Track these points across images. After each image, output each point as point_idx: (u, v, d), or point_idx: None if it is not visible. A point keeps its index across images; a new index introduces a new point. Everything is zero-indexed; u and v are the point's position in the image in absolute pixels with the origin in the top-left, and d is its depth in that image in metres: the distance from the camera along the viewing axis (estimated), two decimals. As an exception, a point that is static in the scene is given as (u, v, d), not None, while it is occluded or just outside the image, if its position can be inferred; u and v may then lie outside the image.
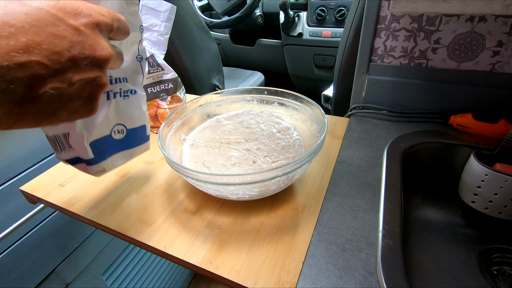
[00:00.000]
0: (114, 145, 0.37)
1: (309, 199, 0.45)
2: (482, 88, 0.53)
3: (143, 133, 0.40)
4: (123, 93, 0.35)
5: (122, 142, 0.38)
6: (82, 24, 0.21)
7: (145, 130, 0.40)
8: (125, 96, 0.36)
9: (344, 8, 1.34)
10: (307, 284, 0.33)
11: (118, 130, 0.37)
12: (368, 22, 0.56)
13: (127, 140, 0.38)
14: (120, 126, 0.37)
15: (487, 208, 0.45)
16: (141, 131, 0.40)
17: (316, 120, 0.48)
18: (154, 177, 0.52)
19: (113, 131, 0.36)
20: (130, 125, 0.38)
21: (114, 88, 0.34)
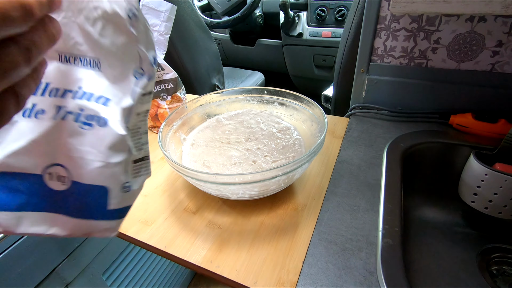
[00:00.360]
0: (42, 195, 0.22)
1: (309, 199, 0.45)
2: (482, 88, 0.53)
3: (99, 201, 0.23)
4: (83, 118, 0.21)
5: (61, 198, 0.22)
6: None
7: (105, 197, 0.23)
8: (85, 123, 0.21)
9: (344, 8, 1.34)
10: (307, 284, 0.33)
11: (58, 175, 0.22)
12: (368, 22, 0.56)
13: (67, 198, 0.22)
14: (62, 169, 0.22)
15: (487, 208, 0.45)
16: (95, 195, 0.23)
17: (316, 120, 0.48)
18: (154, 177, 0.52)
19: (47, 172, 0.22)
20: (77, 176, 0.22)
21: (72, 105, 0.21)
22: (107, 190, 0.23)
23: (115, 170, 0.23)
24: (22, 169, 0.21)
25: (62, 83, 0.22)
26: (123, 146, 0.23)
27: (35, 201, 0.22)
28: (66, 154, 0.22)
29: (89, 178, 0.22)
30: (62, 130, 0.21)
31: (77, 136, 0.21)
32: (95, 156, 0.22)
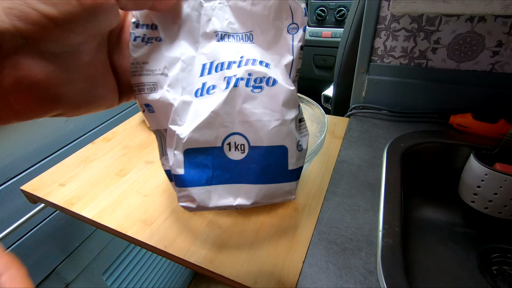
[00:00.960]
0: (224, 167, 0.23)
1: (309, 199, 0.45)
2: (482, 88, 0.53)
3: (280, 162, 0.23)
4: (252, 82, 0.22)
5: (240, 167, 0.23)
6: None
7: (285, 157, 0.23)
8: (255, 86, 0.22)
9: (344, 8, 1.34)
10: (307, 283, 0.33)
11: (236, 144, 0.22)
12: (368, 22, 0.56)
13: (249, 166, 0.23)
14: (239, 137, 0.22)
15: (487, 208, 0.45)
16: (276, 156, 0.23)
17: (316, 120, 0.48)
18: (155, 177, 0.53)
19: (226, 143, 0.22)
20: (255, 140, 0.22)
21: (240, 72, 0.22)
22: (286, 149, 0.23)
23: (291, 127, 0.23)
24: (205, 143, 0.22)
25: (224, 57, 0.22)
26: (294, 101, 0.23)
27: (219, 174, 0.23)
28: (243, 120, 0.22)
29: (268, 140, 0.22)
30: (236, 98, 0.22)
31: (251, 100, 0.22)
32: (271, 115, 0.22)
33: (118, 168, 0.55)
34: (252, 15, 0.22)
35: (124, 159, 0.58)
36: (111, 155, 0.59)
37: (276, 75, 0.22)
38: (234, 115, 0.22)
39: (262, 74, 0.22)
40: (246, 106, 0.22)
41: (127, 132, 0.67)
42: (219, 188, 0.23)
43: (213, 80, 0.22)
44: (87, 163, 0.58)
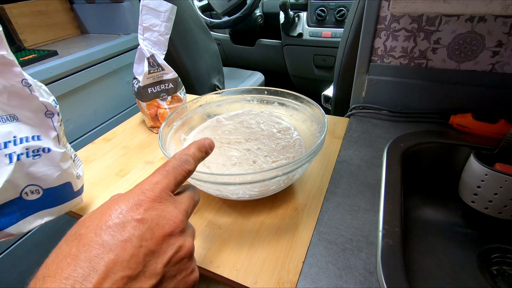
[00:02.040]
0: (27, 206, 0.36)
1: (309, 199, 0.45)
2: (482, 88, 0.53)
3: (69, 190, 0.39)
4: (31, 153, 0.33)
5: (40, 201, 0.36)
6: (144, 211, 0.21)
7: (71, 187, 0.39)
8: (34, 155, 0.33)
9: (344, 8, 1.34)
10: (307, 284, 0.33)
11: (32, 190, 0.35)
12: (368, 22, 0.56)
13: (46, 199, 0.37)
14: (33, 187, 0.35)
15: (487, 208, 0.45)
16: (65, 189, 0.38)
17: (316, 120, 0.48)
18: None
19: (24, 192, 0.34)
20: (47, 185, 0.36)
21: (18, 149, 0.32)
22: (70, 183, 0.39)
23: (69, 171, 0.38)
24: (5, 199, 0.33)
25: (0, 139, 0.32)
26: (66, 156, 0.37)
27: (25, 211, 0.35)
28: (33, 177, 0.34)
29: (56, 182, 0.37)
30: (22, 166, 0.33)
31: (35, 164, 0.34)
32: (54, 170, 0.35)
33: (118, 168, 0.55)
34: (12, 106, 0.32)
35: (124, 159, 0.58)
36: (111, 155, 0.59)
37: (48, 144, 0.35)
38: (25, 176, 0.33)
39: (37, 146, 0.33)
40: (32, 169, 0.34)
41: (127, 132, 0.67)
42: (29, 218, 0.36)
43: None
44: (87, 163, 0.58)
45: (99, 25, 1.05)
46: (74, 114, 0.83)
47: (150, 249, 0.20)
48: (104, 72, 0.88)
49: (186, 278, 0.22)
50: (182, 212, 0.23)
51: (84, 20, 1.07)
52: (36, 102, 0.33)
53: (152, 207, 0.21)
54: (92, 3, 1.01)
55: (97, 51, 0.85)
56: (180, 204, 0.23)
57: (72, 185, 0.39)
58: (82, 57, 0.80)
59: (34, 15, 0.92)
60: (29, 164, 0.33)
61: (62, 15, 1.01)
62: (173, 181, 0.24)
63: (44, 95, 0.34)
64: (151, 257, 0.19)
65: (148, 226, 0.20)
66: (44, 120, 0.34)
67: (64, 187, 0.38)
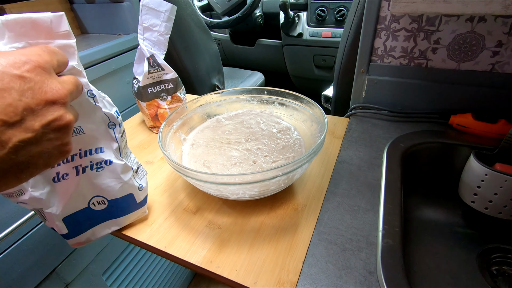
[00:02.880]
0: (95, 216, 0.38)
1: (309, 199, 0.45)
2: (482, 88, 0.53)
3: (131, 201, 0.39)
4: (95, 166, 0.34)
5: (106, 212, 0.38)
6: (26, 71, 0.21)
7: (133, 198, 0.39)
8: (98, 168, 0.34)
9: (344, 8, 1.34)
10: (307, 284, 0.33)
11: (98, 201, 0.37)
12: (368, 22, 0.56)
13: (111, 210, 0.38)
14: (99, 198, 0.37)
15: (487, 208, 0.45)
16: (127, 200, 0.39)
17: (316, 120, 0.48)
18: (155, 177, 0.52)
19: (91, 203, 0.36)
20: (111, 196, 0.37)
21: (83, 162, 0.33)
22: (132, 194, 0.39)
23: (130, 183, 0.38)
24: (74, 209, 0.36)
25: None
26: (127, 168, 0.37)
27: (93, 221, 0.38)
28: (98, 188, 0.36)
29: (119, 194, 0.38)
30: (88, 178, 0.34)
31: (98, 177, 0.35)
32: (115, 182, 0.36)
33: (118, 168, 0.55)
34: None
35: (124, 159, 0.58)
36: (111, 155, 0.59)
37: (110, 156, 0.35)
38: (90, 187, 0.35)
39: (100, 159, 0.34)
40: (96, 181, 0.35)
41: (127, 132, 0.67)
42: (97, 227, 0.39)
43: (64, 169, 0.33)
44: (87, 163, 0.57)
45: (99, 25, 1.05)
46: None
47: (30, 106, 0.20)
48: (104, 72, 0.88)
49: (62, 147, 0.23)
50: (66, 88, 0.23)
51: (84, 20, 1.06)
52: (100, 114, 0.32)
53: (36, 71, 0.21)
54: (92, 3, 1.01)
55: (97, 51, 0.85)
56: (64, 83, 0.24)
57: (134, 196, 0.39)
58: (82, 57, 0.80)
59: (34, 15, 0.92)
60: (94, 176, 0.35)
61: (62, 15, 1.01)
62: (56, 62, 0.24)
63: (107, 106, 0.33)
64: (30, 114, 0.20)
65: (29, 86, 0.20)
66: (107, 132, 0.34)
67: (126, 198, 0.38)
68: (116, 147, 0.35)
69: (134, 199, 0.39)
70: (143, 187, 0.40)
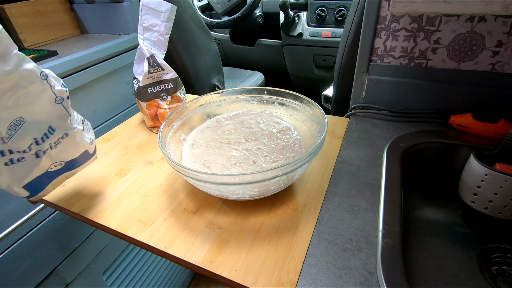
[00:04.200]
0: (53, 175, 0.40)
1: (309, 199, 0.45)
2: (482, 88, 0.53)
3: (86, 155, 0.43)
4: (53, 144, 0.36)
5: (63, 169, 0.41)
6: None
7: (87, 153, 0.43)
8: (56, 145, 0.37)
9: (344, 8, 1.34)
10: (307, 284, 0.33)
11: (55, 164, 0.39)
12: (368, 22, 0.56)
13: (68, 166, 0.41)
14: (57, 162, 0.39)
15: (487, 208, 0.45)
16: (83, 156, 0.42)
17: (316, 120, 0.48)
18: (154, 177, 0.52)
19: (49, 168, 0.39)
20: (69, 158, 0.40)
21: (43, 147, 0.35)
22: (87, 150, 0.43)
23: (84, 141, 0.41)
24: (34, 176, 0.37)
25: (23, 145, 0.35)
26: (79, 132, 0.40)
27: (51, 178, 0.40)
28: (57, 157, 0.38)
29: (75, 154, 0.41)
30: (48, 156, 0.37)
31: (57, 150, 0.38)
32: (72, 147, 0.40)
33: (117, 168, 0.55)
34: None
35: (123, 159, 0.58)
36: (111, 155, 0.59)
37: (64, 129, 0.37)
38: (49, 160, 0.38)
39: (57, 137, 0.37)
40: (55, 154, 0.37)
41: (127, 132, 0.67)
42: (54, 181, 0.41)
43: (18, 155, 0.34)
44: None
45: (99, 25, 1.05)
46: (74, 114, 0.83)
47: None
48: (104, 72, 0.88)
49: None
50: None
51: (84, 20, 1.06)
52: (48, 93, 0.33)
53: None
54: (92, 3, 1.01)
55: (97, 51, 0.85)
56: None
57: (88, 151, 0.43)
58: (82, 57, 0.80)
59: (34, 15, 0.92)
60: (54, 152, 0.37)
61: (62, 15, 1.01)
62: None
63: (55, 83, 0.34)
64: None
65: None
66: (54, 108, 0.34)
67: (82, 155, 0.42)
68: (68, 118, 0.37)
69: (88, 152, 0.43)
70: (93, 139, 0.44)
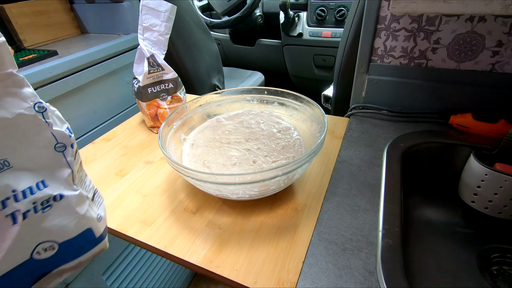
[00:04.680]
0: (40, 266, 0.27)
1: (309, 199, 0.45)
2: (482, 88, 0.53)
3: (89, 237, 0.30)
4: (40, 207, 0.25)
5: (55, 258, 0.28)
6: None
7: (91, 233, 0.30)
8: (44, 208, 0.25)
9: (344, 8, 1.34)
10: (307, 284, 0.33)
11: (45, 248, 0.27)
12: (368, 22, 0.56)
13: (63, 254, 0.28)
14: (46, 244, 0.27)
15: (487, 208, 0.45)
16: (84, 237, 0.29)
17: (316, 120, 0.48)
18: (154, 177, 0.52)
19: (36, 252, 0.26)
20: (62, 238, 0.27)
21: (22, 206, 0.24)
22: (90, 229, 0.29)
23: (87, 215, 0.29)
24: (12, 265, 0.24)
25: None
26: (82, 198, 0.28)
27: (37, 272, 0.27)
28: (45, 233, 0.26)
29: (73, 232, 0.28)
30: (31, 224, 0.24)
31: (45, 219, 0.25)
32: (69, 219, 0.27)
33: (117, 168, 0.55)
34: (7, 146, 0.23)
35: (123, 159, 0.58)
36: (111, 155, 0.59)
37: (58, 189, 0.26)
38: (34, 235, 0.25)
39: (46, 196, 0.25)
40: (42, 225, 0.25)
41: (127, 132, 0.67)
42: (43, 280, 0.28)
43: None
44: (87, 163, 0.58)
45: (99, 25, 1.05)
46: (74, 114, 0.83)
47: None
48: (104, 72, 0.88)
49: None
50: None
51: (84, 20, 1.06)
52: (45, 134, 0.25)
53: None
54: (92, 3, 1.01)
55: (97, 51, 0.85)
56: None
57: (93, 230, 0.30)
58: (82, 57, 0.80)
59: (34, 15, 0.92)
60: (39, 219, 0.25)
61: (62, 15, 1.01)
62: None
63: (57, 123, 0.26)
64: None
65: None
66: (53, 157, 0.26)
67: (83, 236, 0.29)
68: (68, 174, 0.27)
69: (93, 233, 0.30)
70: (102, 217, 0.32)
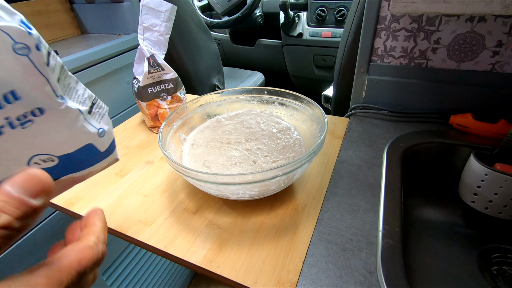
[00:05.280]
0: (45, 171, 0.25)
1: (309, 199, 0.45)
2: (482, 88, 0.53)
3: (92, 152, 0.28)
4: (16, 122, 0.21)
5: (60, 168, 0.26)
6: None
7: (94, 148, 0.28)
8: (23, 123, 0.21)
9: (344, 8, 1.34)
10: (307, 284, 0.33)
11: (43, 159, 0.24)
12: (368, 22, 0.56)
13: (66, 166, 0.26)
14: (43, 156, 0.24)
15: (487, 208, 0.45)
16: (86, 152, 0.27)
17: (316, 120, 0.48)
18: (155, 177, 0.52)
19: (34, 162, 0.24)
20: (60, 152, 0.25)
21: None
22: (91, 144, 0.27)
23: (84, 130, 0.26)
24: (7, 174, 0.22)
25: None
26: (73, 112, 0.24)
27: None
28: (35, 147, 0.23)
29: (71, 147, 0.25)
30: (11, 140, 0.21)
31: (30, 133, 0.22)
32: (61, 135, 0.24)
33: (118, 168, 0.55)
34: None
35: (124, 159, 0.58)
36: (111, 155, 0.59)
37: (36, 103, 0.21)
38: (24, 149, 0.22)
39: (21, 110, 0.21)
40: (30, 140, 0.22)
41: (127, 132, 0.67)
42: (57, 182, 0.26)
43: None
44: (87, 163, 0.58)
45: (99, 25, 1.05)
46: (74, 114, 0.83)
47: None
48: (104, 72, 0.88)
49: None
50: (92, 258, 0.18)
51: (84, 20, 1.06)
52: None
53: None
54: (92, 3, 1.01)
55: (97, 51, 0.85)
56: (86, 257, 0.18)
57: (95, 145, 0.28)
58: (82, 57, 0.80)
59: (34, 15, 0.92)
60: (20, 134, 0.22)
61: (62, 15, 1.01)
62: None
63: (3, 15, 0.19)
64: None
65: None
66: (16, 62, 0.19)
67: (84, 150, 0.27)
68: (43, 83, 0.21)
69: (96, 149, 0.28)
70: (105, 131, 0.28)
